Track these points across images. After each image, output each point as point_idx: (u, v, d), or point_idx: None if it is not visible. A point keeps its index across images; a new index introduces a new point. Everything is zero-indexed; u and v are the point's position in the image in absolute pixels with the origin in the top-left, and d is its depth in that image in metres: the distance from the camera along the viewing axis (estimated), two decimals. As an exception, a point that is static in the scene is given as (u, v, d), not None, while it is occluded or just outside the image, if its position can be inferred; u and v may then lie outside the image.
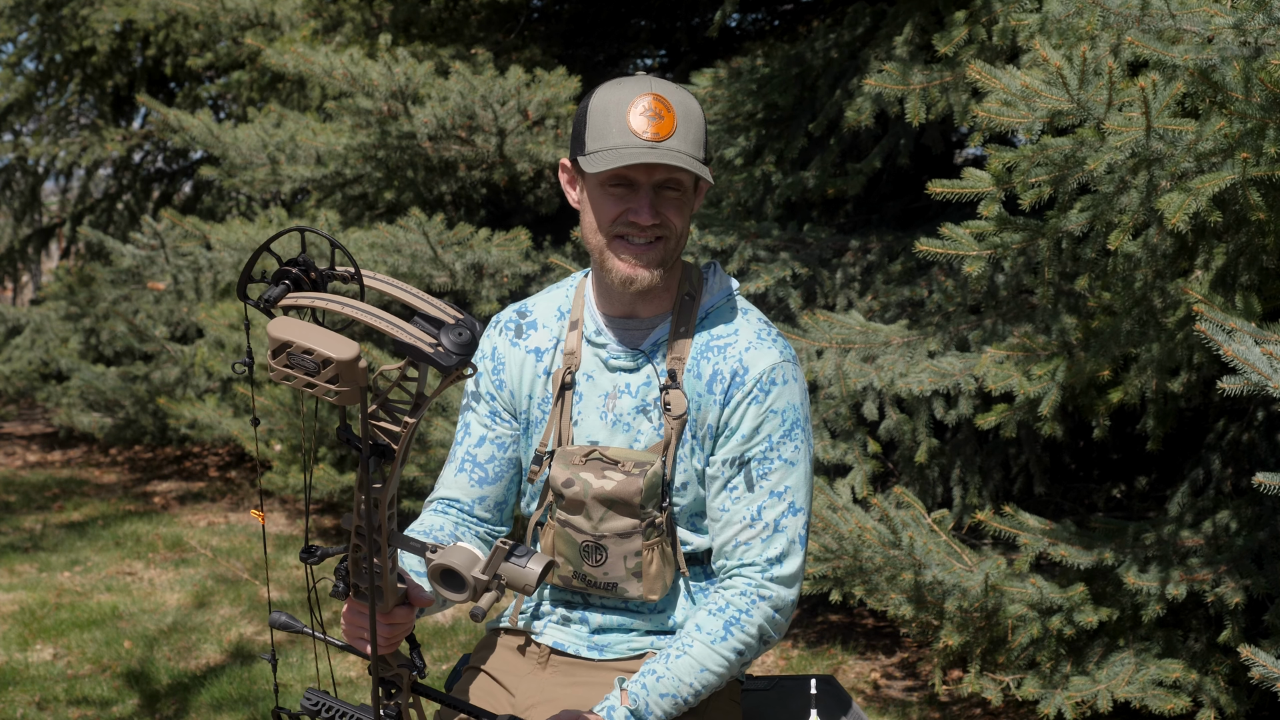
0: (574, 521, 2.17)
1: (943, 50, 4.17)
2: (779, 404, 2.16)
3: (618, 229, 2.12)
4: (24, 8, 8.77)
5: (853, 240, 4.96)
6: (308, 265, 1.55)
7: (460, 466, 2.29)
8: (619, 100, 2.08)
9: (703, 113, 2.14)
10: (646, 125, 2.06)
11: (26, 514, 7.10)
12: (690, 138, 2.08)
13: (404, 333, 1.49)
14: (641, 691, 2.09)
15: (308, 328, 1.46)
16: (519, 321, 2.30)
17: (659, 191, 2.10)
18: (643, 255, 2.11)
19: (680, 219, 2.12)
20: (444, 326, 1.50)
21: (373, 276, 1.57)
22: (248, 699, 4.45)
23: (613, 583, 2.19)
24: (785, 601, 2.17)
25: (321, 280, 1.57)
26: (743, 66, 5.25)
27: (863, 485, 4.46)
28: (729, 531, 2.17)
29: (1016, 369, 3.80)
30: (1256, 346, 2.58)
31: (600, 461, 2.15)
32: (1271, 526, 3.65)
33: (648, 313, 2.21)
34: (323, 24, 6.71)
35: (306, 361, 1.45)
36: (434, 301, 1.53)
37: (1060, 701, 3.65)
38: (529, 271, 5.25)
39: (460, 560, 1.73)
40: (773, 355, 2.18)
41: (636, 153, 2.05)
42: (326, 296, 1.52)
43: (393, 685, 1.89)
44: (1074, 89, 2.86)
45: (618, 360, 2.20)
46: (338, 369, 1.44)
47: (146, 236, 6.26)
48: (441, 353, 1.48)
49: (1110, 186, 3.08)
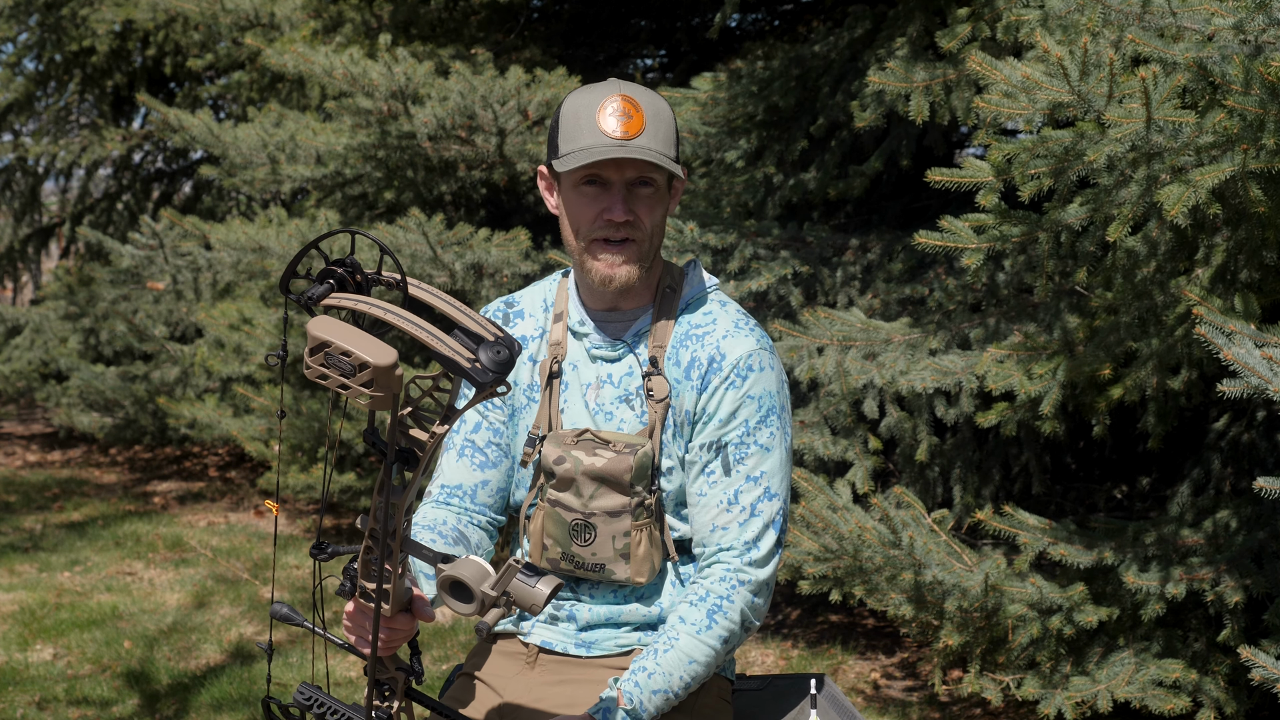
0: (564, 499, 2.19)
1: (946, 47, 4.17)
2: (755, 390, 2.20)
3: (596, 231, 2.17)
4: (24, 8, 8.77)
5: (853, 239, 4.96)
6: (355, 267, 1.56)
7: (460, 452, 2.31)
8: (588, 103, 2.15)
9: (673, 114, 2.20)
10: (616, 125, 2.12)
11: (26, 514, 7.10)
12: (660, 136, 2.14)
13: (444, 345, 1.49)
14: (635, 690, 2.11)
15: (348, 329, 1.46)
16: (506, 311, 2.35)
17: (632, 189, 2.16)
18: (619, 254, 2.17)
19: (653, 216, 2.18)
20: (483, 343, 1.51)
21: (418, 285, 1.58)
22: (248, 699, 4.45)
23: (600, 564, 2.21)
24: (761, 583, 2.20)
25: (367, 284, 1.57)
26: (743, 69, 5.26)
27: (864, 481, 4.47)
28: (706, 515, 2.21)
29: (1018, 368, 3.80)
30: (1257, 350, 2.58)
31: (592, 441, 2.19)
32: (1271, 526, 3.65)
33: (629, 306, 2.26)
34: (323, 24, 6.71)
35: (344, 363, 1.45)
36: (476, 317, 1.55)
37: (1060, 701, 3.65)
38: (529, 271, 5.25)
39: (470, 573, 1.73)
40: (749, 343, 2.22)
41: (607, 150, 2.11)
42: (370, 300, 1.53)
43: (388, 688, 1.90)
44: (1075, 81, 2.87)
45: (600, 350, 2.25)
46: (374, 373, 1.45)
47: (146, 236, 6.26)
48: (479, 369, 1.49)
49: (1110, 179, 3.08)
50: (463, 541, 2.22)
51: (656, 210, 2.18)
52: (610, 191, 2.15)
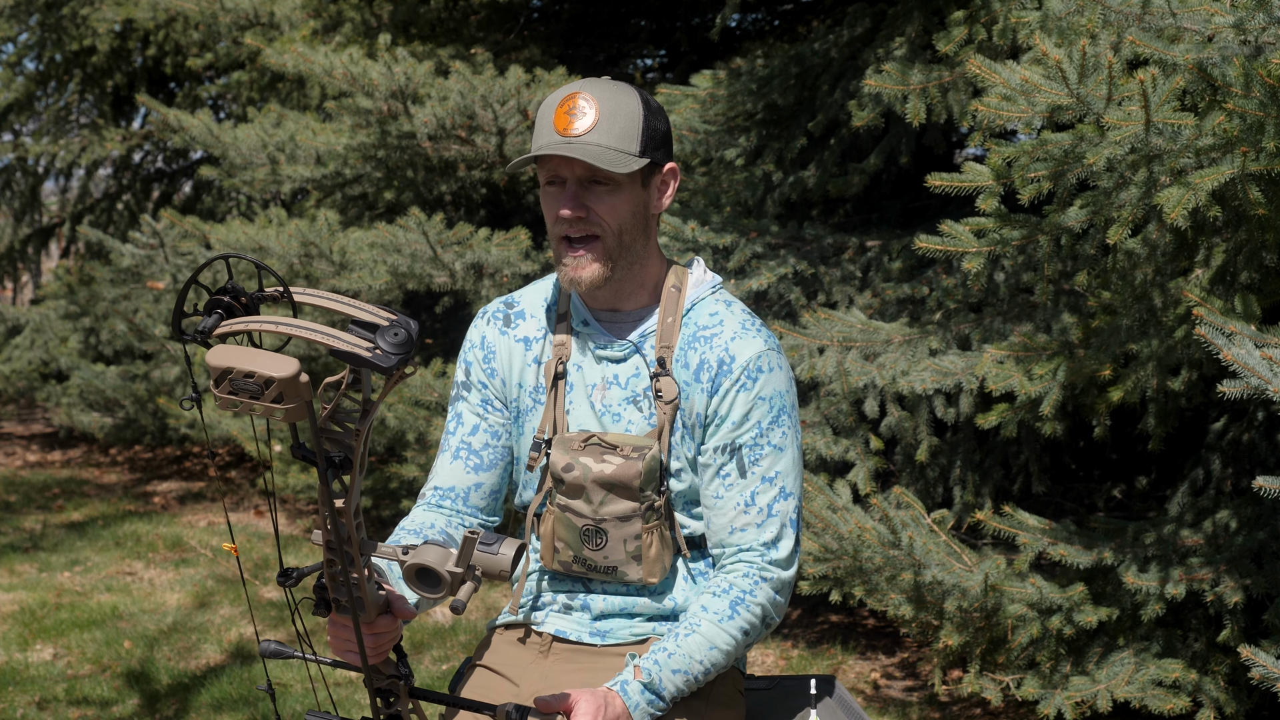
0: (574, 506, 2.20)
1: (943, 49, 4.17)
2: (766, 391, 2.21)
3: (559, 229, 2.18)
4: (24, 7, 8.76)
5: (852, 238, 4.96)
6: (237, 291, 1.57)
7: (455, 454, 2.31)
8: (551, 102, 2.17)
9: (643, 108, 2.17)
10: (567, 122, 2.13)
11: (26, 514, 7.10)
12: (615, 131, 2.13)
13: (341, 341, 1.51)
14: (654, 667, 2.12)
15: (245, 351, 1.47)
16: (506, 311, 2.34)
17: (586, 187, 2.16)
18: (581, 253, 2.17)
19: (617, 214, 2.16)
20: (379, 329, 1.52)
21: (302, 292, 1.59)
22: (248, 699, 4.45)
23: (613, 566, 2.22)
24: (784, 582, 2.22)
25: (253, 303, 1.58)
26: (743, 67, 5.25)
27: (865, 481, 4.47)
28: (724, 517, 2.22)
29: (1018, 368, 3.80)
30: (1256, 350, 2.58)
31: (599, 446, 2.19)
32: (1271, 526, 3.65)
33: (630, 307, 2.26)
34: (322, 24, 6.71)
35: (249, 385, 1.46)
36: (366, 307, 1.56)
37: (1060, 701, 3.65)
38: (529, 271, 5.25)
39: (433, 557, 1.73)
40: (758, 344, 2.22)
41: (553, 147, 2.12)
42: (260, 319, 1.54)
43: (390, 694, 1.90)
44: (1074, 83, 2.86)
45: (605, 351, 2.25)
46: (281, 387, 1.46)
47: (146, 236, 6.27)
48: (380, 355, 1.50)
49: (1110, 182, 3.08)
50: (451, 544, 2.22)
51: (620, 207, 2.16)
52: (565, 189, 2.16)
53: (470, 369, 2.33)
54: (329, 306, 1.57)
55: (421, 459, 5.30)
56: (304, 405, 1.47)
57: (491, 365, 2.32)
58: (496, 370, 2.31)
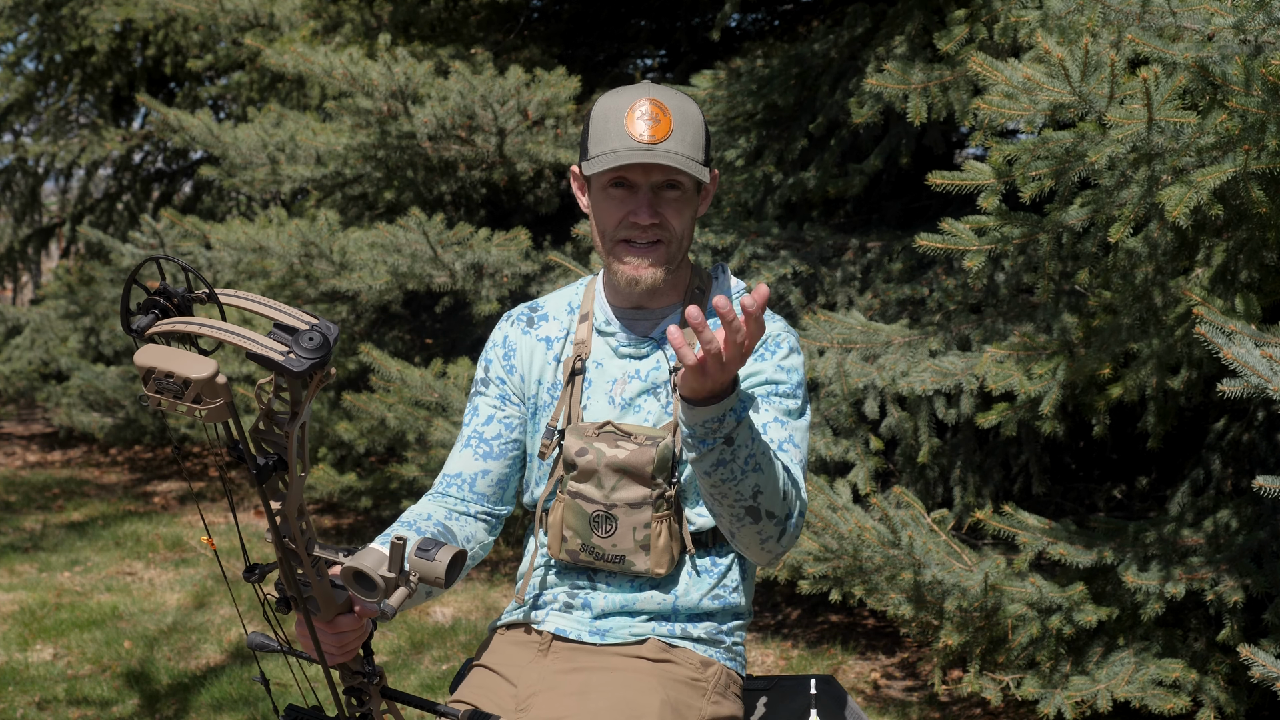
0: (585, 491, 2.21)
1: (944, 48, 4.18)
2: (788, 362, 2.25)
3: (621, 233, 2.20)
4: (24, 8, 8.77)
5: (852, 239, 4.96)
6: (170, 293, 1.58)
7: (466, 443, 2.35)
8: (618, 106, 2.18)
9: (702, 116, 2.23)
10: (644, 129, 2.15)
11: (26, 514, 7.10)
12: (688, 140, 2.17)
13: (257, 345, 1.52)
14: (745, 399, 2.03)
15: (169, 352, 1.49)
16: (530, 314, 2.39)
17: (658, 192, 2.19)
18: (645, 256, 2.20)
19: (680, 219, 2.21)
20: (297, 333, 1.53)
21: (228, 294, 1.61)
22: (248, 699, 4.45)
23: (621, 555, 2.23)
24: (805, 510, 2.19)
25: (184, 304, 1.60)
26: (743, 67, 5.25)
27: (866, 482, 4.47)
28: None
29: (1017, 368, 3.80)
30: (1256, 349, 2.58)
31: (614, 433, 2.21)
32: (1271, 526, 3.65)
33: (656, 305, 2.29)
34: (322, 24, 6.71)
35: (171, 385, 1.48)
36: (290, 311, 1.57)
37: (1060, 701, 3.65)
38: (529, 271, 5.25)
39: (369, 562, 1.74)
40: (778, 325, 2.28)
41: (633, 154, 2.14)
42: (186, 320, 1.55)
43: (362, 693, 1.90)
44: (1076, 81, 2.87)
45: (626, 348, 2.28)
46: (198, 388, 1.47)
47: (146, 235, 6.27)
48: (293, 359, 1.52)
49: (1111, 180, 3.08)
50: (448, 535, 2.23)
51: (684, 213, 2.21)
52: (637, 194, 2.18)
53: (490, 366, 2.38)
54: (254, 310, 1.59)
55: (422, 459, 5.30)
56: (224, 406, 1.49)
57: (511, 362, 2.36)
58: (516, 367, 2.35)
